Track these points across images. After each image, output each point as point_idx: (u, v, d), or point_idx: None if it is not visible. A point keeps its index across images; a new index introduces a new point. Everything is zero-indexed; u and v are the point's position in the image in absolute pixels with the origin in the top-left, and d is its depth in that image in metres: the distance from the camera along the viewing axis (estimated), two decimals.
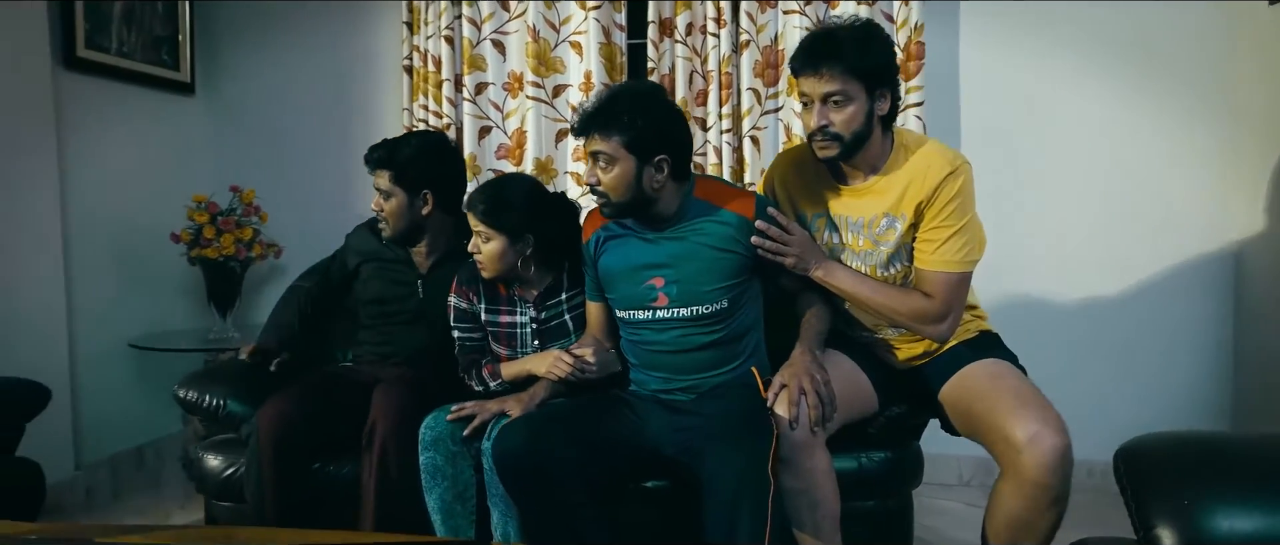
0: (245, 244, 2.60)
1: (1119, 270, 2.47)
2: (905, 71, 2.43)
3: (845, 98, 1.46)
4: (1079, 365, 2.44)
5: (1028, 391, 1.44)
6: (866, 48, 1.46)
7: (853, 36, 1.47)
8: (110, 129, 2.63)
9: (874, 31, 1.51)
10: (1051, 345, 2.26)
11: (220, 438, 1.79)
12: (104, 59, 2.61)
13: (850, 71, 1.44)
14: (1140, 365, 2.45)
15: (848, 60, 1.44)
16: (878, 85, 1.48)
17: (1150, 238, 2.43)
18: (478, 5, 2.72)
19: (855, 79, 1.45)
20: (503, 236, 1.68)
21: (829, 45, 1.46)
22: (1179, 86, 2.39)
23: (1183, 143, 2.40)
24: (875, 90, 1.48)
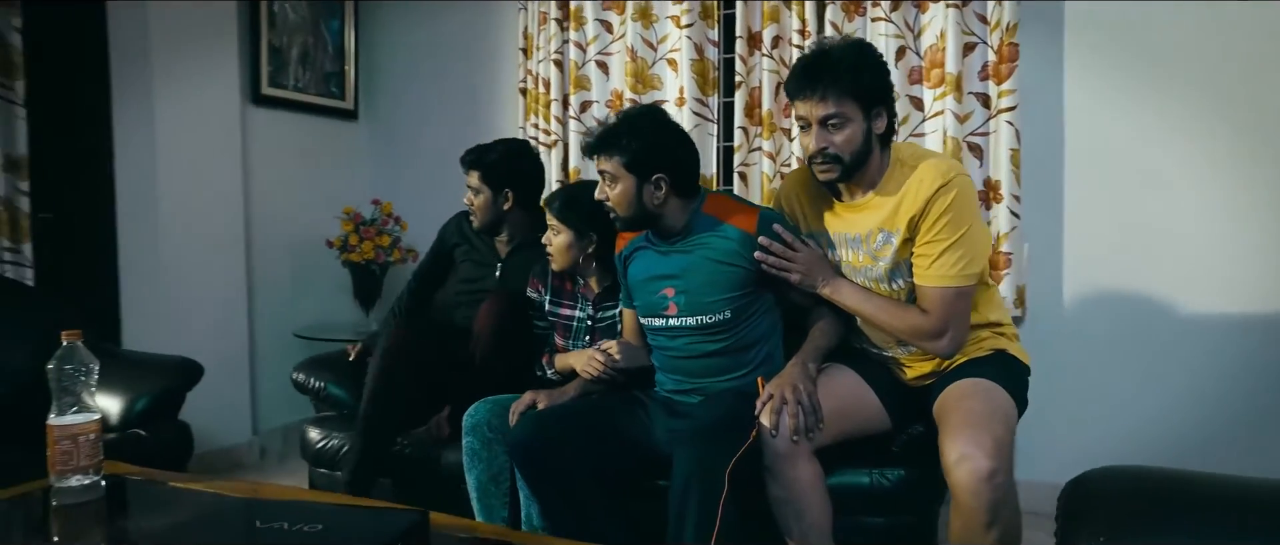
0: (384, 249, 3.01)
1: (1243, 286, 2.18)
2: (996, 74, 2.32)
3: (843, 119, 1.48)
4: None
5: (981, 414, 1.39)
6: (861, 68, 1.48)
7: (847, 58, 1.48)
8: (285, 151, 3.15)
9: (867, 51, 1.52)
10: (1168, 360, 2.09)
11: (321, 415, 2.13)
12: (283, 94, 3.13)
13: (846, 93, 1.46)
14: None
15: (844, 82, 1.46)
16: (874, 105, 1.49)
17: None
18: (584, 30, 2.93)
19: (851, 100, 1.47)
20: (570, 231, 1.87)
21: (825, 67, 1.48)
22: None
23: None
24: (872, 110, 1.49)
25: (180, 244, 2.75)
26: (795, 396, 1.48)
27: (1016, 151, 2.30)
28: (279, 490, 1.39)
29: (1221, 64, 2.17)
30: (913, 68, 2.45)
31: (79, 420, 1.36)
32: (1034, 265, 2.37)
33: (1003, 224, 2.32)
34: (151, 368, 2.09)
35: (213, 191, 2.85)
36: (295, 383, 2.18)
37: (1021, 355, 1.61)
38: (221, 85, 2.87)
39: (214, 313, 2.84)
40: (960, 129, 2.36)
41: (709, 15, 2.76)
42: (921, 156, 1.53)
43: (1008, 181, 2.31)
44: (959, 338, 1.51)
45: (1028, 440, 2.32)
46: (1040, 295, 2.37)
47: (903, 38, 2.44)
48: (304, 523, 1.10)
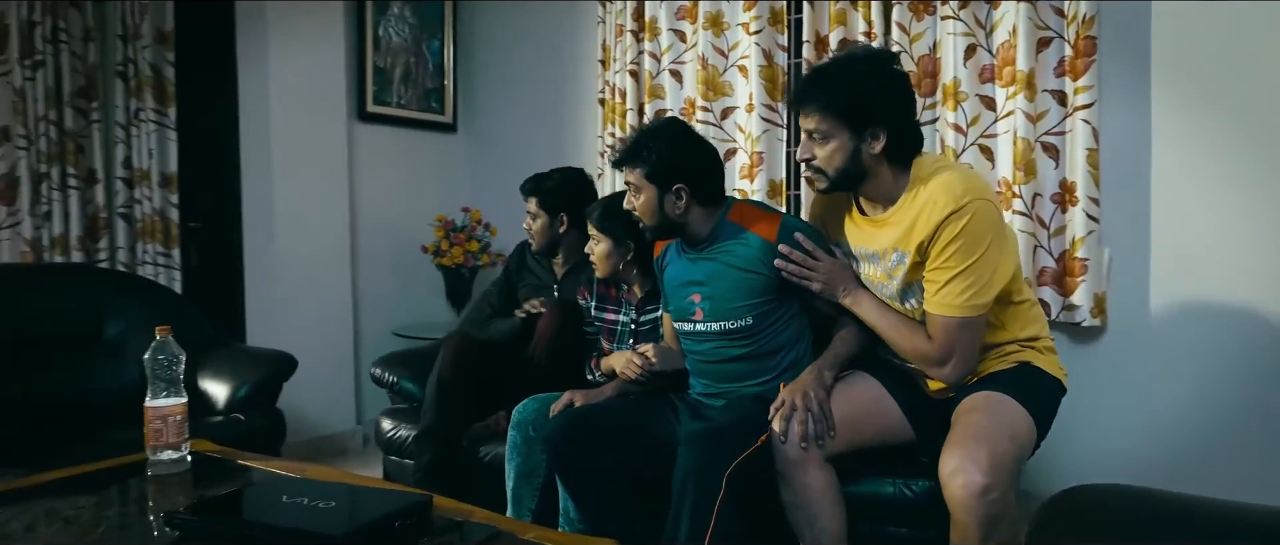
0: (473, 254, 3.21)
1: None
2: (1072, 70, 2.20)
3: (824, 135, 1.49)
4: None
5: (983, 428, 1.34)
6: (845, 87, 1.47)
7: (835, 75, 1.49)
8: (388, 163, 3.42)
9: (861, 69, 1.49)
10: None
11: (394, 407, 2.32)
12: (386, 111, 3.40)
13: (827, 109, 1.47)
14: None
15: (823, 99, 1.47)
16: (866, 124, 1.46)
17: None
18: (658, 40, 3.01)
19: (833, 117, 1.47)
20: (609, 240, 1.97)
21: (811, 82, 1.50)
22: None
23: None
24: (862, 129, 1.47)
25: (293, 250, 3.06)
26: (805, 403, 1.49)
27: (1093, 152, 2.17)
28: (322, 471, 1.55)
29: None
30: (984, 66, 2.36)
31: (169, 403, 1.57)
32: (1117, 273, 2.22)
33: (1078, 228, 2.19)
34: (255, 360, 2.36)
35: (322, 202, 3.14)
36: (373, 377, 2.39)
37: (1053, 370, 1.54)
38: (330, 105, 3.16)
39: (323, 312, 3.13)
40: (1033, 129, 2.25)
41: (778, 20, 2.76)
42: (939, 175, 1.46)
43: (1084, 183, 2.18)
44: (963, 367, 1.47)
45: (1107, 456, 2.19)
46: (1124, 305, 2.22)
47: (973, 35, 2.35)
48: (322, 499, 1.24)
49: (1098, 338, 2.26)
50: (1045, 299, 2.25)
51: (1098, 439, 2.24)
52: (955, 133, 2.36)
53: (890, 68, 1.52)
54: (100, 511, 1.33)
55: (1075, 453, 2.20)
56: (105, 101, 3.43)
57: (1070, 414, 2.26)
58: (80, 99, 3.39)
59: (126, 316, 2.41)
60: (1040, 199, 2.26)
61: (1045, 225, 2.27)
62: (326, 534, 1.06)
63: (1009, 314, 1.52)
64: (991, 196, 1.45)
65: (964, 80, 2.35)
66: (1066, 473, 2.28)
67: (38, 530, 1.25)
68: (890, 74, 1.50)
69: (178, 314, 2.49)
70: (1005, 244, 1.46)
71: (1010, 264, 1.45)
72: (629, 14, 3.04)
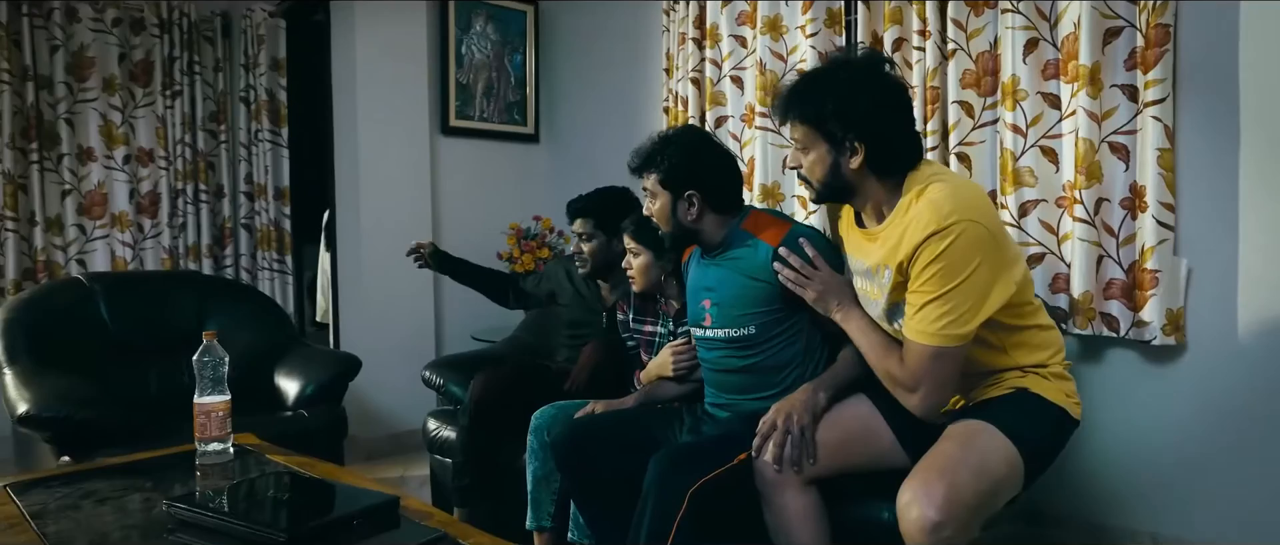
0: (543, 261, 3.32)
1: None
2: (1143, 62, 1.99)
3: (803, 146, 1.45)
4: None
5: (949, 459, 1.23)
6: (817, 98, 1.41)
7: (810, 85, 1.44)
8: (470, 173, 3.60)
9: (839, 78, 1.43)
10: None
11: (439, 409, 2.46)
12: (469, 125, 3.59)
13: (800, 121, 1.43)
14: None
15: (797, 110, 1.43)
16: (842, 136, 1.40)
17: None
18: (719, 47, 2.99)
19: (806, 127, 1.43)
20: (648, 252, 2.00)
21: (789, 91, 1.46)
22: None
23: None
24: (841, 142, 1.40)
25: (379, 257, 3.29)
26: (786, 425, 1.46)
27: (1166, 152, 1.96)
28: (329, 470, 1.67)
29: None
30: (1047, 61, 2.18)
31: (214, 400, 1.75)
32: (1198, 287, 1.99)
33: (1149, 237, 1.98)
34: (324, 361, 2.57)
35: (406, 212, 3.36)
36: (423, 379, 2.54)
37: (1056, 397, 1.40)
38: (414, 120, 3.37)
39: (407, 317, 3.35)
40: (1099, 129, 2.06)
41: (835, 21, 2.68)
42: (930, 191, 1.36)
43: (1155, 187, 1.97)
44: (933, 399, 1.37)
45: (1187, 490, 1.98)
46: (1206, 323, 1.98)
47: (1034, 29, 2.18)
48: (302, 495, 1.36)
49: (1176, 359, 2.04)
50: (1113, 314, 2.05)
51: (1177, 470, 2.02)
52: (1014, 134, 2.20)
53: (873, 76, 1.44)
54: (133, 493, 1.52)
55: (1151, 484, 2.00)
56: (231, 124, 3.84)
57: (1142, 443, 2.07)
58: (211, 123, 3.81)
59: (223, 317, 2.69)
60: (1107, 204, 2.07)
61: (1113, 233, 2.07)
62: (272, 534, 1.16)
63: (1013, 339, 1.41)
64: (986, 216, 1.33)
65: (1024, 77, 2.18)
66: (1142, 509, 2.08)
67: (78, 506, 1.45)
68: (872, 83, 1.43)
69: (265, 316, 2.75)
70: (1001, 268, 1.34)
71: (1004, 290, 1.32)
72: (691, 21, 3.04)
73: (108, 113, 3.50)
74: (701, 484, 1.41)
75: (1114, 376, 2.14)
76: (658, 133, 1.86)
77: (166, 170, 3.63)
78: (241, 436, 1.87)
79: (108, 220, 3.52)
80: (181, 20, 3.64)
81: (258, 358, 2.61)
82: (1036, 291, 2.15)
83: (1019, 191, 2.19)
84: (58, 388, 2.13)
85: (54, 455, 2.05)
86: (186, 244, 3.69)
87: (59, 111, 3.40)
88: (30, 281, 3.33)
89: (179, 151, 3.64)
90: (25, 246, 3.37)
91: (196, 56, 3.69)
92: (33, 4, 3.35)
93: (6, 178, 3.29)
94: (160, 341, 2.58)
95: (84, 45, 3.45)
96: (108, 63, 3.50)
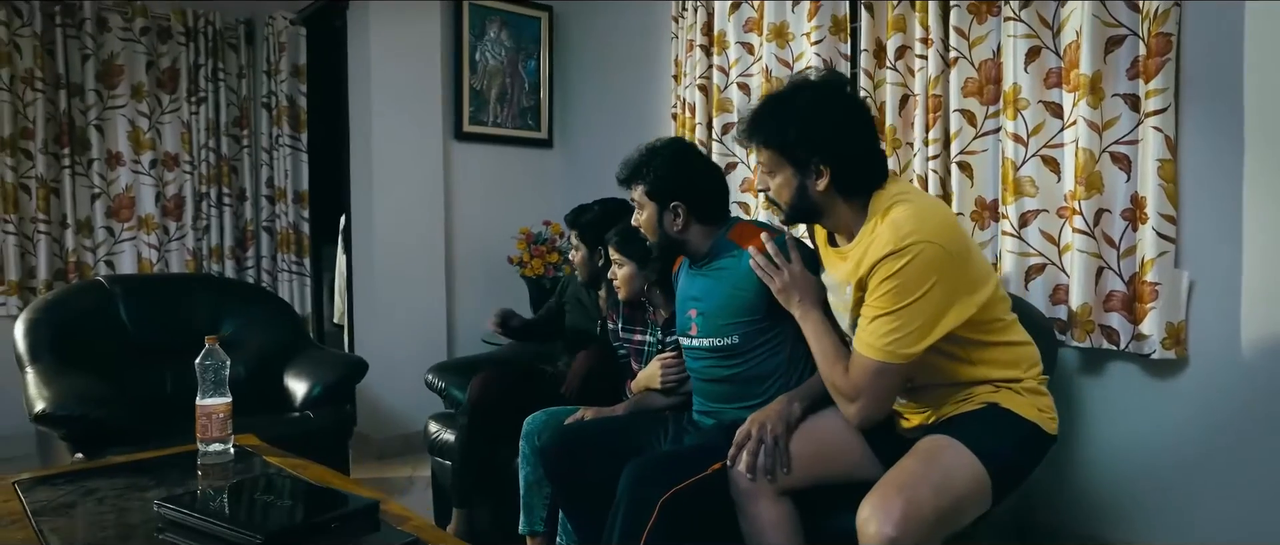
0: (553, 265, 3.36)
1: None
2: (1145, 71, 1.96)
3: (769, 169, 1.48)
4: None
5: (911, 475, 1.24)
6: (780, 122, 1.43)
7: (773, 109, 1.46)
8: (484, 178, 3.65)
9: (799, 102, 1.43)
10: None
11: (441, 412, 2.50)
12: (482, 130, 3.64)
13: (764, 145, 1.45)
14: None
15: (760, 135, 1.45)
16: (806, 158, 1.42)
17: None
18: (726, 53, 3.00)
19: (771, 151, 1.45)
20: (631, 263, 2.03)
21: (752, 115, 1.48)
22: None
23: None
24: (805, 164, 1.42)
25: (393, 260, 3.35)
26: (760, 434, 1.47)
27: (1167, 163, 1.92)
28: (321, 472, 1.71)
29: None
30: (1049, 69, 2.16)
31: (215, 402, 1.81)
32: (1200, 300, 1.95)
33: (1149, 249, 1.95)
34: (331, 363, 2.63)
35: (419, 216, 3.42)
36: (427, 382, 2.59)
37: (1028, 411, 1.39)
38: (427, 126, 3.43)
39: (420, 319, 3.41)
40: (1099, 139, 2.03)
41: (840, 28, 2.67)
42: (893, 211, 1.37)
43: (1156, 198, 1.93)
44: (869, 412, 1.39)
45: (1187, 506, 1.95)
46: (1208, 338, 1.94)
47: (1036, 37, 2.15)
48: (284, 498, 1.40)
49: (1176, 373, 2.00)
50: (1113, 327, 2.02)
51: (1176, 485, 1.98)
52: (1015, 143, 2.17)
53: (835, 98, 1.45)
54: (132, 492, 1.57)
55: (1149, 499, 1.97)
56: (253, 129, 3.94)
57: (1142, 457, 2.03)
58: (234, 128, 3.91)
59: (237, 318, 2.77)
60: (1108, 215, 2.04)
61: (1114, 245, 2.04)
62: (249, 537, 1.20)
63: (981, 353, 1.41)
64: (946, 238, 1.33)
65: (1025, 86, 2.16)
66: (1140, 523, 2.05)
67: (79, 504, 1.51)
68: (834, 105, 1.44)
69: (278, 318, 2.82)
70: (959, 291, 1.34)
71: (962, 312, 1.32)
72: (699, 28, 3.06)
73: (135, 119, 3.62)
74: (673, 493, 1.43)
75: (1115, 389, 2.11)
76: (645, 145, 1.88)
77: (191, 174, 3.74)
78: (242, 437, 1.93)
79: (135, 223, 3.64)
80: (207, 28, 3.75)
81: (269, 359, 2.69)
82: (1037, 302, 2.14)
83: (1020, 201, 2.17)
84: (75, 387, 2.21)
85: (69, 452, 2.13)
86: (210, 246, 3.79)
87: (89, 118, 3.52)
88: (61, 281, 3.46)
89: (203, 156, 3.75)
90: (57, 248, 3.50)
91: (221, 63, 3.79)
92: (66, 14, 3.47)
93: (40, 182, 3.42)
94: (177, 342, 2.65)
95: (114, 53, 3.57)
96: (136, 70, 3.61)
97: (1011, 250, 2.19)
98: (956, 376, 1.42)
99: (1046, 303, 2.15)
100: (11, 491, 1.58)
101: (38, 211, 3.43)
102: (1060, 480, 2.18)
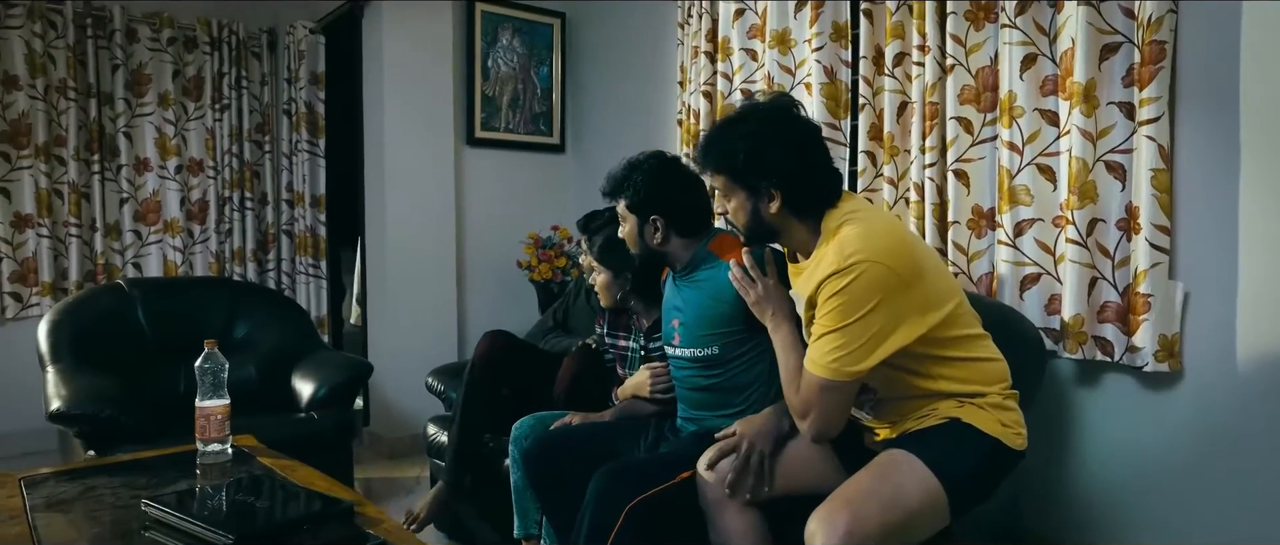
0: (560, 269, 3.40)
1: None
2: (1139, 79, 1.93)
3: (724, 193, 1.51)
4: None
5: (861, 489, 1.25)
6: (726, 147, 1.46)
7: (719, 136, 1.49)
8: (496, 183, 3.71)
9: (745, 129, 1.46)
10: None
11: (440, 415, 2.55)
12: (494, 136, 3.69)
13: (716, 171, 1.48)
14: None
15: (711, 161, 1.48)
16: (757, 182, 1.44)
17: None
18: (730, 60, 3.01)
19: (723, 177, 1.48)
20: (608, 271, 2.07)
21: (704, 142, 1.52)
22: None
23: None
24: (757, 187, 1.44)
25: (405, 264, 3.42)
26: (747, 451, 1.48)
27: (1160, 172, 1.89)
28: (307, 474, 1.76)
29: None
30: (1045, 77, 2.13)
31: (214, 404, 1.88)
32: (1196, 312, 1.92)
33: (1142, 260, 1.91)
34: (338, 365, 2.70)
35: (431, 221, 3.49)
36: (427, 386, 2.64)
37: (991, 426, 1.38)
38: (439, 132, 3.50)
39: (431, 322, 3.48)
40: (1094, 147, 2.00)
41: (841, 35, 2.66)
42: (841, 231, 1.38)
43: (1149, 209, 1.90)
44: (820, 427, 1.39)
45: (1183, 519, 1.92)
46: (1204, 350, 1.90)
47: (1032, 44, 2.13)
48: (265, 499, 1.46)
49: (1172, 386, 1.96)
50: (1107, 338, 1.99)
51: (1170, 498, 1.95)
52: (1010, 151, 2.15)
53: (782, 121, 1.47)
54: (129, 490, 1.64)
55: (1143, 511, 1.94)
56: (274, 135, 4.04)
57: (1139, 470, 2.00)
58: (256, 134, 4.02)
59: (250, 320, 2.85)
60: (1103, 225, 2.01)
61: (1109, 255, 2.01)
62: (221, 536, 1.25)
63: (941, 369, 1.40)
64: (892, 257, 1.33)
65: (1021, 93, 2.14)
66: (1132, 534, 2.02)
67: (77, 501, 1.58)
68: (780, 128, 1.46)
69: (289, 320, 2.90)
70: (907, 310, 1.33)
71: (911, 330, 1.32)
72: (703, 35, 3.07)
73: (162, 126, 3.75)
74: (640, 501, 1.45)
75: (1110, 401, 2.07)
76: (627, 159, 1.91)
77: (215, 179, 3.86)
78: (241, 438, 1.99)
79: (161, 226, 3.76)
80: (231, 37, 3.86)
81: (280, 360, 2.77)
82: (1032, 312, 2.11)
83: (1015, 210, 2.15)
84: (90, 387, 2.31)
85: (82, 449, 2.22)
86: (232, 249, 3.91)
87: (118, 125, 3.66)
88: (91, 283, 3.60)
89: (226, 161, 3.87)
90: (87, 251, 3.64)
91: (244, 71, 3.91)
92: (97, 26, 3.61)
93: (71, 187, 3.56)
94: (191, 343, 2.71)
95: (142, 63, 3.70)
96: (163, 79, 3.74)
97: (1007, 259, 2.17)
98: (916, 390, 1.41)
99: (1042, 313, 2.13)
100: (16, 488, 1.66)
101: (69, 215, 3.57)
102: (1055, 491, 2.15)
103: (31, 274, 3.52)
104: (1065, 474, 2.13)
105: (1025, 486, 2.18)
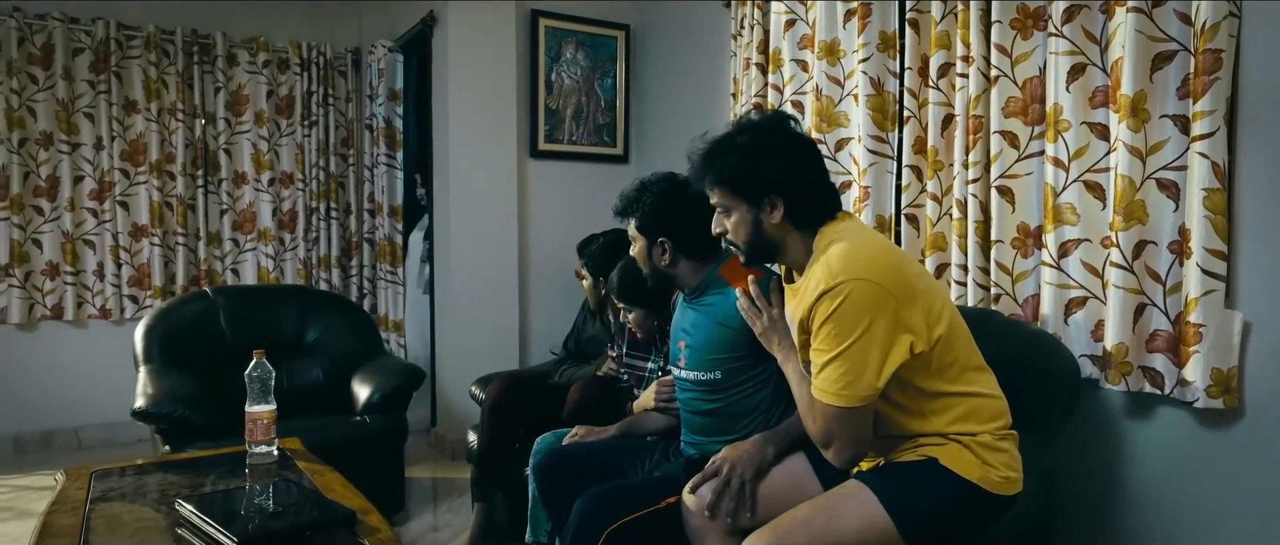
0: None
1: None
2: (1193, 91, 1.78)
3: (726, 208, 1.48)
4: None
5: (794, 520, 1.27)
6: (729, 158, 1.44)
7: (721, 147, 1.47)
8: (560, 194, 3.80)
9: (746, 140, 1.44)
10: None
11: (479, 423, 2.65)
12: (557, 148, 3.79)
13: (719, 183, 1.46)
14: None
15: (713, 173, 1.46)
16: (759, 193, 1.42)
17: None
18: (781, 71, 2.97)
19: (724, 189, 1.46)
20: (639, 310, 2.11)
21: (704, 156, 1.48)
22: None
23: None
24: (759, 199, 1.42)
25: (470, 273, 3.56)
26: (729, 475, 1.48)
27: (1215, 192, 1.74)
28: (330, 480, 1.87)
29: None
30: (1095, 88, 2.00)
31: (262, 409, 2.03)
32: (1257, 345, 1.75)
33: (1193, 287, 1.77)
34: (392, 372, 2.85)
35: (494, 230, 3.61)
36: (471, 394, 2.74)
37: (969, 470, 1.31)
38: (504, 145, 3.62)
39: (495, 330, 3.61)
40: (1143, 164, 1.86)
41: (889, 45, 2.58)
42: (831, 248, 1.35)
43: (1201, 231, 1.75)
44: (847, 452, 1.35)
45: None
46: (1266, 387, 1.74)
47: (1081, 54, 2.01)
48: (283, 502, 1.58)
49: (1229, 424, 1.80)
50: (1157, 369, 1.85)
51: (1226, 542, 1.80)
52: (1055, 168, 2.04)
53: (779, 132, 1.45)
54: (178, 488, 1.81)
55: None
56: (358, 148, 4.29)
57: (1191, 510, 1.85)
58: (342, 148, 4.27)
59: (321, 326, 3.05)
60: (1153, 248, 1.87)
61: (1160, 280, 1.86)
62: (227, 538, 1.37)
63: (929, 404, 1.35)
64: (880, 274, 1.29)
65: (1067, 106, 2.02)
66: None
67: (126, 495, 1.75)
68: (779, 140, 1.44)
69: (356, 325, 3.08)
70: (904, 324, 1.29)
71: (900, 352, 1.28)
72: (755, 47, 3.05)
73: (257, 142, 4.05)
74: (621, 524, 1.47)
75: (1161, 436, 1.93)
76: (640, 179, 1.93)
77: (303, 191, 4.13)
78: (287, 441, 2.14)
79: (255, 235, 4.07)
80: (319, 58, 4.13)
81: (345, 364, 2.95)
82: (1077, 338, 1.99)
83: (1059, 230, 2.03)
84: (172, 387, 2.54)
85: (160, 444, 2.45)
86: (319, 256, 4.18)
87: (220, 142, 3.98)
88: (195, 287, 3.93)
89: (314, 174, 4.14)
90: (192, 258, 3.98)
91: (330, 89, 4.17)
92: (202, 52, 3.94)
93: (179, 200, 3.91)
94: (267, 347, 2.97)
95: (241, 85, 4.01)
96: (258, 99, 4.04)
97: (1051, 282, 2.05)
98: (905, 428, 1.37)
99: (1088, 339, 2.00)
100: (87, 481, 1.85)
101: (177, 226, 3.91)
102: (1101, 526, 2.02)
103: (146, 279, 3.89)
104: (1114, 508, 2.00)
105: (1068, 519, 2.06)
